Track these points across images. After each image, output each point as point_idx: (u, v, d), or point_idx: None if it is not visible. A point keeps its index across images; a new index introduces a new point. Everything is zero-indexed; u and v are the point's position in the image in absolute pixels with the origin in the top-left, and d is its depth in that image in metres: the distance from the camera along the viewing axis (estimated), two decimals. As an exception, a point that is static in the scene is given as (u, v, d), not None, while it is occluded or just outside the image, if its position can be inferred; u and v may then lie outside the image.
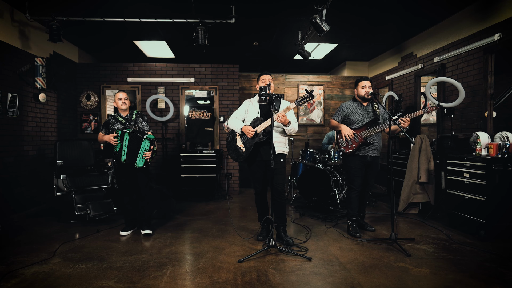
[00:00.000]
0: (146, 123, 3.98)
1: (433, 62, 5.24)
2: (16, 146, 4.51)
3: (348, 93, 7.50)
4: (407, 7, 4.50)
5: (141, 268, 2.84)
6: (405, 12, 4.68)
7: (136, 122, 3.90)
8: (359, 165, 3.79)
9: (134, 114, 3.93)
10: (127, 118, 3.88)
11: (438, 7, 4.52)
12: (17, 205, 4.50)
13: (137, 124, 3.89)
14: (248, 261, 2.98)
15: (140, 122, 3.93)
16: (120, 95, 3.84)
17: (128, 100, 3.90)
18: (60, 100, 5.64)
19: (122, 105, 3.84)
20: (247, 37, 5.84)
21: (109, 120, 3.87)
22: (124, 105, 3.84)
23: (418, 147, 4.80)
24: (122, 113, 3.88)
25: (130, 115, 3.91)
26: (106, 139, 3.71)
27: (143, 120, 3.96)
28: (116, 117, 3.86)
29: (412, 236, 3.73)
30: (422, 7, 4.48)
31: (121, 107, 3.84)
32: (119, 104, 3.84)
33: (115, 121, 3.85)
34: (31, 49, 4.83)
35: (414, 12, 4.68)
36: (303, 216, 4.71)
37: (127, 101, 3.88)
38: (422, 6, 4.45)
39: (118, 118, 3.85)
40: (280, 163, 3.47)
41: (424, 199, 4.70)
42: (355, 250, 3.28)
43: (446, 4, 4.43)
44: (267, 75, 3.58)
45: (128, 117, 3.89)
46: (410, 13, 4.70)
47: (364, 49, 6.69)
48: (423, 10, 4.61)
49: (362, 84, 3.83)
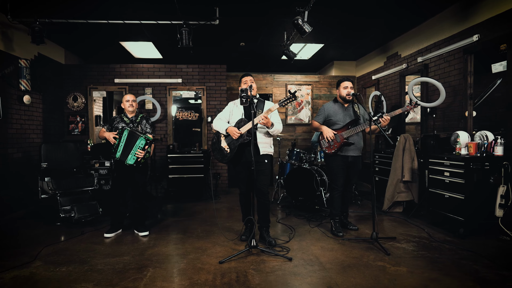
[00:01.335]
0: (150, 126, 4.03)
1: (416, 62, 5.30)
2: (0, 149, 4.49)
3: (336, 92, 7.54)
4: (390, 9, 4.56)
5: (122, 270, 2.86)
6: (388, 13, 4.74)
7: (140, 123, 3.95)
8: (341, 165, 3.83)
9: (139, 117, 3.98)
10: (132, 119, 3.94)
11: (421, 8, 4.59)
12: (4, 208, 4.48)
13: (140, 126, 3.93)
14: (229, 262, 3.01)
15: (144, 124, 3.99)
16: (128, 97, 3.92)
17: (136, 103, 3.99)
18: (46, 101, 5.61)
19: (129, 107, 3.91)
20: (233, 38, 5.86)
21: (115, 118, 3.94)
22: (131, 107, 3.91)
23: (402, 146, 4.86)
24: (129, 114, 3.95)
25: (136, 117, 3.98)
26: (107, 136, 3.78)
27: (147, 123, 4.02)
28: (122, 117, 3.94)
29: (394, 235, 3.79)
30: (405, 8, 4.54)
31: (128, 108, 3.91)
32: (126, 106, 3.90)
33: (120, 120, 3.91)
34: (14, 51, 4.80)
35: (397, 13, 4.74)
36: (289, 215, 4.75)
37: (135, 103, 3.96)
38: (405, 7, 4.50)
39: (124, 118, 3.92)
40: (265, 164, 3.50)
41: (408, 198, 4.77)
42: (336, 250, 3.33)
43: (429, 4, 4.49)
44: (248, 77, 3.61)
45: (133, 119, 3.95)
46: (394, 14, 4.76)
47: (351, 49, 6.74)
48: (406, 11, 4.67)
49: (344, 85, 3.87)
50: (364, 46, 6.50)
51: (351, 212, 4.94)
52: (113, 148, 3.74)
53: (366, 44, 6.39)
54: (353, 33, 5.73)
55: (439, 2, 4.42)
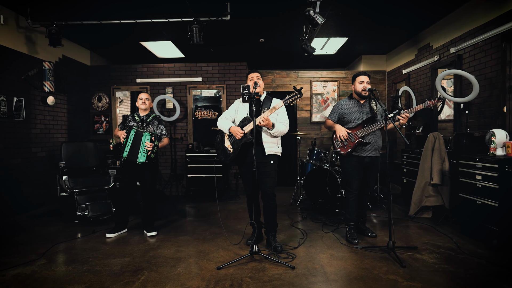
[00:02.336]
0: (164, 127, 4.01)
1: (449, 53, 4.81)
2: (23, 148, 4.68)
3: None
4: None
5: (118, 272, 2.81)
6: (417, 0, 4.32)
7: (151, 124, 3.93)
8: (356, 167, 3.54)
9: (151, 117, 3.96)
10: (143, 118, 3.93)
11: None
12: (25, 205, 4.67)
13: (151, 126, 3.90)
14: (228, 268, 2.86)
15: (156, 125, 3.96)
16: (142, 95, 3.93)
17: (149, 101, 3.98)
18: (71, 102, 5.80)
19: (141, 105, 3.91)
20: (250, 34, 5.69)
21: (127, 117, 3.98)
22: (143, 104, 3.91)
23: (431, 146, 4.44)
24: (141, 113, 3.95)
25: (147, 116, 3.95)
26: (119, 134, 3.82)
27: (160, 124, 3.99)
28: (134, 116, 3.95)
29: (416, 243, 3.43)
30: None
31: (140, 106, 3.92)
32: (139, 104, 3.92)
33: (132, 119, 3.93)
34: (38, 54, 4.98)
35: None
36: (305, 219, 4.51)
37: (147, 102, 3.95)
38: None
39: (135, 117, 3.94)
40: (271, 165, 3.30)
41: (438, 203, 4.34)
42: (346, 259, 3.06)
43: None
44: (255, 73, 3.44)
45: (144, 118, 3.94)
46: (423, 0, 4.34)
47: (378, 42, 6.31)
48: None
49: (360, 80, 3.58)
50: (393, 38, 6.05)
51: (374, 216, 4.60)
52: (121, 147, 3.73)
53: (395, 36, 5.94)
54: (377, 26, 5.33)
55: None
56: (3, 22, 4.33)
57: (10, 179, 4.44)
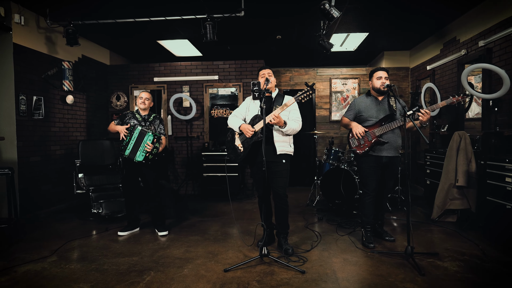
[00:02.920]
0: (163, 126, 3.96)
1: (477, 47, 4.51)
2: (43, 146, 4.78)
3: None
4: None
5: (124, 272, 2.78)
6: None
7: (153, 123, 3.89)
8: (373, 167, 3.36)
9: (152, 116, 3.93)
10: (145, 117, 3.89)
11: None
12: (44, 202, 4.78)
13: (154, 126, 3.87)
14: (235, 271, 2.77)
15: (157, 124, 3.92)
16: (142, 94, 3.87)
17: (149, 101, 3.89)
18: (90, 101, 5.90)
19: (141, 104, 3.85)
20: (266, 31, 5.57)
21: (126, 114, 3.91)
22: (143, 104, 3.85)
23: (456, 145, 4.17)
24: (141, 112, 3.90)
25: (148, 115, 3.92)
26: (119, 129, 3.74)
27: (160, 123, 3.94)
28: (134, 114, 3.89)
29: (438, 250, 3.21)
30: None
31: (140, 106, 3.86)
32: (138, 103, 3.86)
33: (132, 116, 3.88)
34: (58, 54, 5.08)
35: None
36: (321, 220, 4.36)
37: (147, 102, 3.87)
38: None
39: (136, 115, 3.88)
40: (282, 165, 3.18)
41: (463, 206, 4.07)
42: (361, 264, 2.89)
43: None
44: (266, 70, 3.32)
45: (146, 117, 3.90)
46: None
47: (401, 37, 6.02)
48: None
49: (378, 75, 3.39)
50: (417, 33, 5.75)
51: (395, 219, 4.39)
52: (122, 145, 3.69)
53: (419, 31, 5.64)
54: (399, 20, 5.08)
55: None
56: (24, 23, 4.43)
57: (30, 176, 4.54)
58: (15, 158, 4.31)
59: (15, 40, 4.31)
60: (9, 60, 4.28)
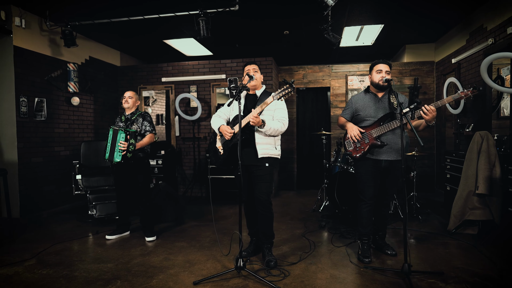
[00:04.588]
0: (149, 123, 3.76)
1: (506, 35, 3.96)
2: (45, 147, 4.83)
3: (408, 82, 6.31)
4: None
5: (92, 280, 2.64)
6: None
7: (136, 122, 3.74)
8: (371, 172, 2.99)
9: (136, 115, 3.80)
10: (128, 117, 3.77)
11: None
12: (47, 202, 4.83)
13: (136, 124, 3.73)
14: (205, 284, 2.54)
15: (141, 122, 3.76)
16: (125, 93, 3.77)
17: (133, 100, 3.78)
18: (98, 102, 5.93)
19: (124, 104, 3.75)
20: (272, 26, 5.28)
21: (117, 117, 3.87)
22: (126, 103, 3.74)
23: (477, 148, 3.67)
24: (126, 111, 3.80)
25: (132, 114, 3.79)
26: None
27: (144, 120, 3.76)
28: (121, 116, 3.82)
29: (444, 268, 2.79)
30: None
31: (124, 105, 3.76)
32: (123, 102, 3.76)
33: (119, 120, 3.81)
34: (63, 56, 5.13)
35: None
36: (323, 228, 4.03)
37: (131, 100, 3.76)
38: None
39: (122, 117, 3.80)
40: (265, 168, 2.91)
41: (485, 217, 3.56)
42: (347, 283, 2.55)
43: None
44: (252, 65, 3.06)
45: (129, 117, 3.77)
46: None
47: (423, 28, 5.48)
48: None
49: (378, 68, 3.02)
50: (441, 22, 5.20)
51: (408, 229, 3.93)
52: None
53: (443, 20, 5.10)
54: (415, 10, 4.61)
55: None
56: (25, 26, 4.49)
57: (32, 177, 4.60)
58: (16, 159, 4.36)
59: (15, 43, 4.37)
60: (9, 62, 4.34)
